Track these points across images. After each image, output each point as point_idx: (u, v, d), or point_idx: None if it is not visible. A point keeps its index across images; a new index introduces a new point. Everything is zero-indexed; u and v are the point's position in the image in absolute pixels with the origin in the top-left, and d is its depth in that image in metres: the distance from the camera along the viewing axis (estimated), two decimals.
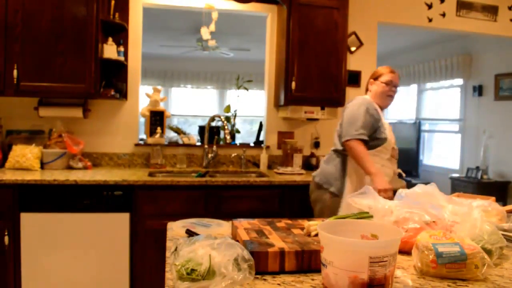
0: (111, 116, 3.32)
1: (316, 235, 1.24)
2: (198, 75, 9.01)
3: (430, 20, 3.78)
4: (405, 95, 7.59)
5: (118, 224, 2.65)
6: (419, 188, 1.34)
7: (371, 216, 1.25)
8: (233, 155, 3.51)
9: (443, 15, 3.80)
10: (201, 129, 3.70)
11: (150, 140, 3.34)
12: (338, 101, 3.30)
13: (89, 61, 2.86)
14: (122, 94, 3.23)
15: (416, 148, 6.76)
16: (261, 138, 3.72)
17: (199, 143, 3.55)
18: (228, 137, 3.24)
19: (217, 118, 3.58)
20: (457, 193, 1.80)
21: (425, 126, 7.02)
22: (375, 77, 2.53)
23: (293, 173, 3.20)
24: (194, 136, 3.58)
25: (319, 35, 3.25)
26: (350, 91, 3.56)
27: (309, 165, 3.55)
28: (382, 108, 2.53)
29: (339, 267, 0.83)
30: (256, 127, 4.75)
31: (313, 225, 1.24)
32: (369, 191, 1.25)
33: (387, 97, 2.49)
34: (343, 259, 0.83)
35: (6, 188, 2.51)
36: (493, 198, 1.58)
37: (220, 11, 3.41)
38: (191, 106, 9.00)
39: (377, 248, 0.82)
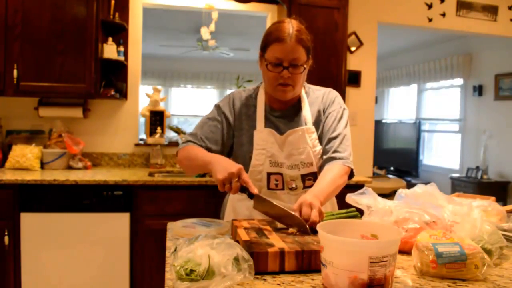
0: (111, 116, 3.31)
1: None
2: (198, 75, 9.01)
3: (430, 20, 3.78)
4: (405, 95, 7.60)
5: (118, 224, 2.65)
6: (419, 188, 1.33)
7: (357, 214, 1.27)
8: None
9: (443, 15, 3.80)
10: None
11: (150, 140, 3.34)
12: None
13: (89, 61, 2.86)
14: (122, 94, 3.23)
15: (416, 148, 6.76)
16: None
17: None
18: None
19: None
20: (457, 193, 1.79)
21: (425, 126, 7.02)
22: (262, 46, 1.49)
23: None
24: None
25: (319, 35, 3.25)
26: (350, 91, 3.56)
27: None
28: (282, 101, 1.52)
29: (339, 267, 0.83)
30: None
31: None
32: (368, 191, 1.25)
33: (276, 88, 1.47)
34: (343, 259, 0.83)
35: (6, 188, 2.51)
36: (493, 198, 1.57)
37: (220, 11, 3.41)
38: (191, 106, 9.00)
39: (377, 248, 0.82)
